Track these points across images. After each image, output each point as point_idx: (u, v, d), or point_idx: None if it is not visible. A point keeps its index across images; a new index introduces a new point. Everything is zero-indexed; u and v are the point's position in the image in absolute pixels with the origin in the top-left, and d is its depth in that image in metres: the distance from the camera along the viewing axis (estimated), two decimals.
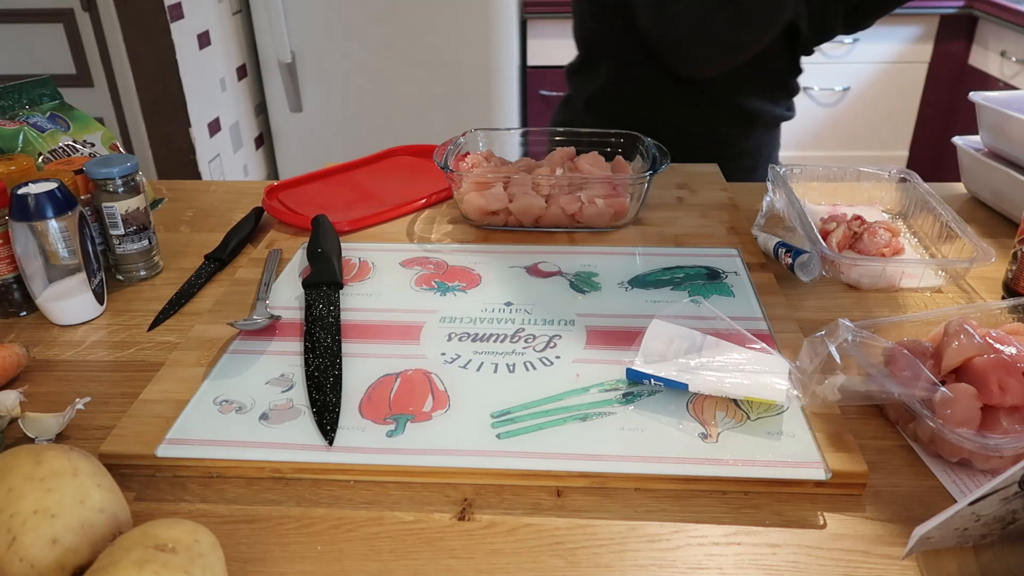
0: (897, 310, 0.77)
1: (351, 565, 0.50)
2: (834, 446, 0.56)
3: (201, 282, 0.83)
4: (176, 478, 0.57)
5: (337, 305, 0.74)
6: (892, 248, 0.86)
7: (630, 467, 0.55)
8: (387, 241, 0.90)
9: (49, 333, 0.76)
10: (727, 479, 0.54)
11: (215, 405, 0.62)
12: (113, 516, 0.46)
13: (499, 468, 0.55)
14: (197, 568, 0.42)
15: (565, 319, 0.73)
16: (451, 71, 2.37)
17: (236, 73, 2.39)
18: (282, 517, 0.53)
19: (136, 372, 0.69)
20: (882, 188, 0.97)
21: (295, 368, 0.66)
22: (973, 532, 0.47)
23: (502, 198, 0.89)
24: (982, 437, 0.53)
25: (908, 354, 0.60)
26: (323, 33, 2.34)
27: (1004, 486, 0.42)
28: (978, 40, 2.53)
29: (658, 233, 0.90)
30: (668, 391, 0.62)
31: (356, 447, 0.57)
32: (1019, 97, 0.95)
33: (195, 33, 2.15)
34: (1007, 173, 0.92)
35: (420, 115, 2.43)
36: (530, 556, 0.50)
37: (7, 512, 0.44)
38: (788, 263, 0.79)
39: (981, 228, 0.94)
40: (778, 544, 0.51)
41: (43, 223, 0.71)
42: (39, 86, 0.99)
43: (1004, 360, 0.57)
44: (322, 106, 2.46)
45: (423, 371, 0.66)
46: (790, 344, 0.68)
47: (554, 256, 0.85)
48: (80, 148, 0.92)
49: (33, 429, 0.60)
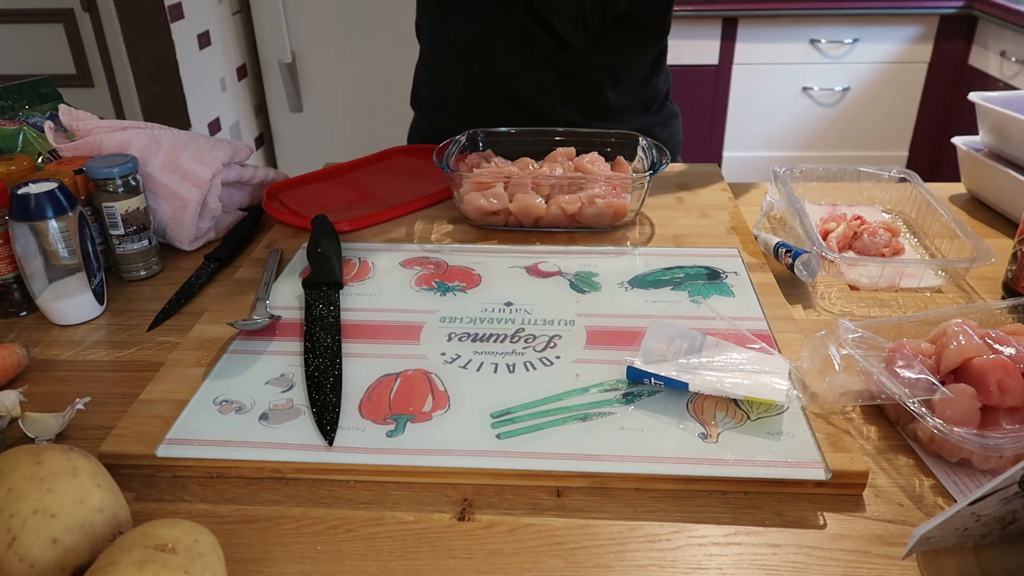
0: (897, 310, 0.77)
1: (351, 565, 0.50)
2: (834, 446, 0.56)
3: (201, 282, 0.83)
4: (176, 478, 0.57)
5: (337, 305, 0.74)
6: (892, 248, 0.86)
7: (630, 467, 0.55)
8: (387, 241, 0.90)
9: (49, 333, 0.76)
10: (727, 479, 0.54)
11: (215, 405, 0.62)
12: (113, 516, 0.46)
13: (499, 468, 0.55)
14: (197, 568, 0.42)
15: (565, 319, 0.73)
16: None
17: (236, 73, 2.39)
18: (282, 517, 0.53)
19: (136, 372, 0.69)
20: (882, 188, 0.97)
21: (295, 368, 0.66)
22: (973, 532, 0.47)
23: (502, 198, 0.89)
24: (982, 437, 0.53)
25: (908, 354, 0.60)
26: (323, 33, 2.34)
27: (1004, 486, 0.42)
28: (978, 40, 2.53)
29: (658, 233, 0.90)
30: (668, 391, 0.62)
31: (356, 447, 0.57)
32: (1019, 97, 0.95)
33: (195, 33, 2.15)
34: (1007, 173, 0.92)
35: None
36: (530, 556, 0.50)
37: (7, 512, 0.44)
38: (788, 263, 0.79)
39: (981, 228, 0.94)
40: (778, 544, 0.51)
41: (43, 223, 0.71)
42: (39, 86, 0.99)
43: (1003, 361, 0.57)
44: (322, 106, 2.46)
45: (423, 371, 0.66)
46: (790, 344, 0.68)
47: (554, 256, 0.85)
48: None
49: (33, 429, 0.60)
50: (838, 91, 2.67)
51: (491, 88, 1.12)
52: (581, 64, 1.08)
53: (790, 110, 2.70)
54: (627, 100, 1.15)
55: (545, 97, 1.11)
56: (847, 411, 0.63)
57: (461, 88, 1.14)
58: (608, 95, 1.12)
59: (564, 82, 1.10)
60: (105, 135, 0.86)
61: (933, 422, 0.54)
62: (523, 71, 1.09)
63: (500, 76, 1.10)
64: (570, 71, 1.09)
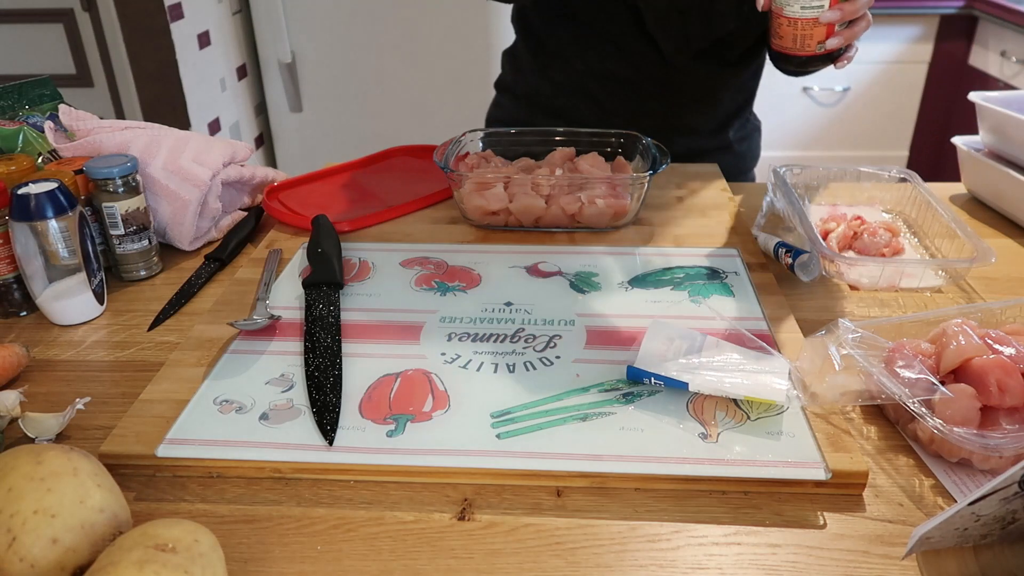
0: (897, 310, 0.77)
1: (351, 565, 0.50)
2: (834, 446, 0.56)
3: (201, 282, 0.83)
4: (176, 478, 0.57)
5: (337, 305, 0.74)
6: (892, 248, 0.86)
7: (630, 467, 0.55)
8: (387, 241, 0.90)
9: (49, 333, 0.76)
10: (727, 479, 0.54)
11: (215, 405, 0.62)
12: (113, 516, 0.46)
13: (499, 468, 0.55)
14: (197, 568, 0.42)
15: (565, 319, 0.73)
16: (451, 71, 2.37)
17: (236, 73, 2.39)
18: (282, 517, 0.53)
19: (136, 372, 0.69)
20: (882, 188, 0.97)
21: (295, 368, 0.66)
22: (973, 532, 0.47)
23: (502, 198, 0.89)
24: (982, 437, 0.53)
25: (908, 354, 0.60)
26: (323, 33, 2.34)
27: (1004, 486, 0.42)
28: (978, 40, 2.53)
29: (658, 233, 0.90)
30: (668, 391, 0.62)
31: (356, 447, 0.57)
32: (1019, 97, 0.95)
33: (195, 33, 2.15)
34: (1007, 173, 0.92)
35: (420, 115, 2.43)
36: (530, 556, 0.50)
37: (7, 512, 0.44)
38: (788, 263, 0.79)
39: (981, 228, 0.94)
40: (778, 544, 0.51)
41: (43, 223, 0.71)
42: (39, 86, 0.99)
43: (1003, 361, 0.57)
44: (322, 106, 2.45)
45: (423, 371, 0.66)
46: (790, 344, 0.68)
47: (554, 256, 0.85)
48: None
49: (33, 429, 0.60)
50: (838, 91, 2.67)
51: (585, 92, 1.12)
52: (679, 80, 1.08)
53: (790, 110, 2.69)
54: (716, 116, 1.15)
55: (638, 108, 1.11)
56: (847, 411, 0.63)
57: (552, 86, 1.14)
58: (700, 111, 1.13)
59: (659, 96, 1.10)
60: (105, 135, 0.86)
61: (933, 422, 0.54)
62: (621, 81, 1.09)
63: (597, 82, 1.10)
64: (668, 86, 1.09)
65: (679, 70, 1.07)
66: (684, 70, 1.07)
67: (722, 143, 1.16)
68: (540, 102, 1.16)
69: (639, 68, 1.07)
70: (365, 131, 2.47)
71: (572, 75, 1.11)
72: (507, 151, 1.01)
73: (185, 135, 0.91)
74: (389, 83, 2.40)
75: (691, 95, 1.11)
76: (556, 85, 1.13)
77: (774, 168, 0.95)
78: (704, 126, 1.15)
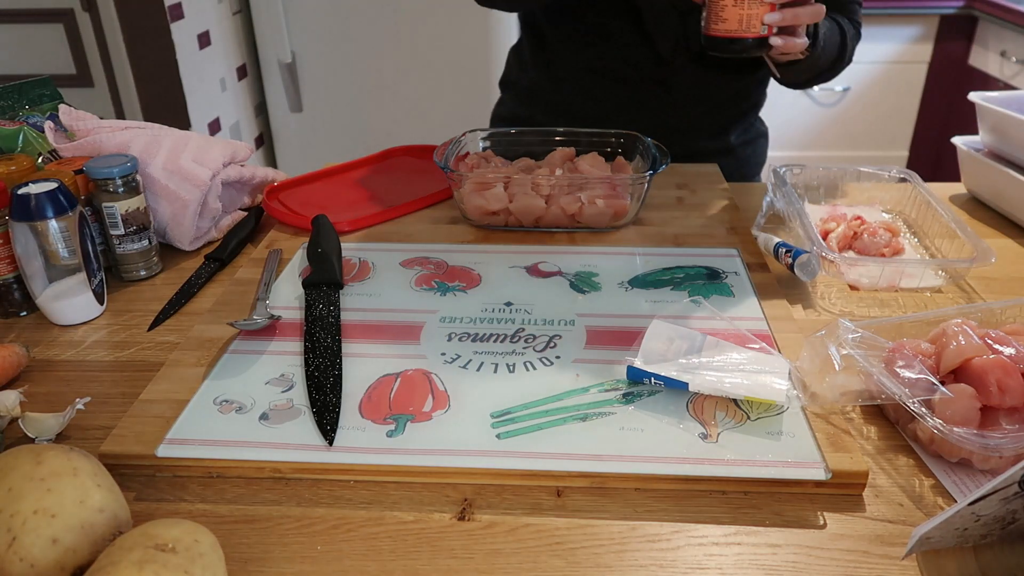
0: (897, 310, 0.77)
1: (351, 565, 0.50)
2: (834, 446, 0.56)
3: (201, 282, 0.83)
4: (176, 478, 0.57)
5: (337, 305, 0.74)
6: (892, 248, 0.86)
7: (630, 467, 0.55)
8: (387, 241, 0.90)
9: (49, 333, 0.76)
10: (727, 479, 0.54)
11: (215, 405, 0.62)
12: (113, 516, 0.46)
13: (499, 468, 0.55)
14: (197, 568, 0.42)
15: (565, 319, 0.73)
16: (451, 71, 2.37)
17: (236, 73, 2.39)
18: (282, 517, 0.53)
19: (136, 372, 0.69)
20: (882, 188, 0.97)
21: (295, 368, 0.66)
22: (973, 532, 0.47)
23: (502, 198, 0.89)
24: (982, 437, 0.53)
25: (908, 354, 0.60)
26: (323, 33, 2.34)
27: (1004, 486, 0.42)
28: (978, 40, 2.53)
29: (658, 233, 0.90)
30: (668, 391, 0.62)
31: (356, 447, 0.57)
32: (1019, 97, 0.95)
33: (195, 33, 2.15)
34: (1007, 173, 0.92)
35: (420, 115, 2.43)
36: (530, 556, 0.50)
37: (7, 512, 0.44)
38: (788, 263, 0.79)
39: (981, 228, 0.94)
40: (778, 544, 0.51)
41: (43, 223, 0.71)
42: (39, 86, 0.99)
43: (1003, 361, 0.57)
44: (322, 106, 2.45)
45: (423, 371, 0.66)
46: (790, 344, 0.68)
47: (554, 256, 0.85)
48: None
49: (33, 429, 0.60)
50: (838, 91, 2.67)
51: (584, 87, 1.12)
52: (677, 80, 1.08)
53: (790, 110, 2.69)
54: (717, 119, 1.15)
55: (637, 107, 1.11)
56: (847, 411, 0.63)
57: (553, 81, 1.14)
58: (699, 113, 1.13)
59: (658, 95, 1.10)
60: (105, 135, 0.86)
61: (933, 422, 0.54)
62: (620, 78, 1.09)
63: (596, 78, 1.10)
64: (665, 85, 1.09)
65: (678, 71, 1.07)
66: (683, 71, 1.07)
67: (723, 146, 1.16)
68: (541, 96, 1.16)
69: (638, 66, 1.07)
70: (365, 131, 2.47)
71: (572, 70, 1.11)
72: (507, 151, 1.01)
73: (185, 135, 0.91)
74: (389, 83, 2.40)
75: (690, 96, 1.11)
76: (557, 80, 1.13)
77: (774, 168, 0.95)
78: (704, 128, 1.15)
